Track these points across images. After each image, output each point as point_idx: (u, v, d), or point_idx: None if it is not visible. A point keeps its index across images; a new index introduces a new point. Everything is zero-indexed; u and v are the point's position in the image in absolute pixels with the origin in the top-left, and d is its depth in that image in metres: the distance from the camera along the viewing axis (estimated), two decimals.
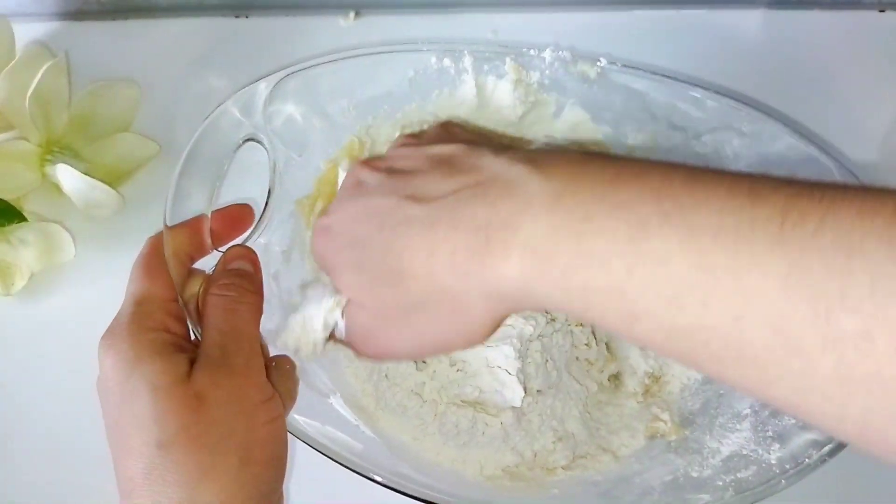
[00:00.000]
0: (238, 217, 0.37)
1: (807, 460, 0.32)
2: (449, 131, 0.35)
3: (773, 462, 0.33)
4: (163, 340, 0.31)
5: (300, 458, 0.36)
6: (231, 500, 0.28)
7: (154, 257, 0.33)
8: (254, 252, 0.35)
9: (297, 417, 0.34)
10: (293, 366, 0.34)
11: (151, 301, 0.32)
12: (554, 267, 0.25)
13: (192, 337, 0.33)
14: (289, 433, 0.33)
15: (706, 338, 0.23)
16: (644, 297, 0.24)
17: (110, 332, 0.31)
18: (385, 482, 0.33)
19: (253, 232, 0.37)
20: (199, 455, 0.28)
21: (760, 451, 0.34)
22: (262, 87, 0.38)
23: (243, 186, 0.38)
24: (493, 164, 0.28)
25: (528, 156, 0.28)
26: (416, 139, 0.35)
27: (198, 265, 0.35)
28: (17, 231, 0.46)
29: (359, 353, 0.32)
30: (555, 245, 0.25)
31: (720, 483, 0.33)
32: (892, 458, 0.22)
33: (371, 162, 0.33)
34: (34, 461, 0.44)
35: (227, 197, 0.37)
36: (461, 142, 0.32)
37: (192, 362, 0.30)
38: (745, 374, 0.23)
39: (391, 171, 0.31)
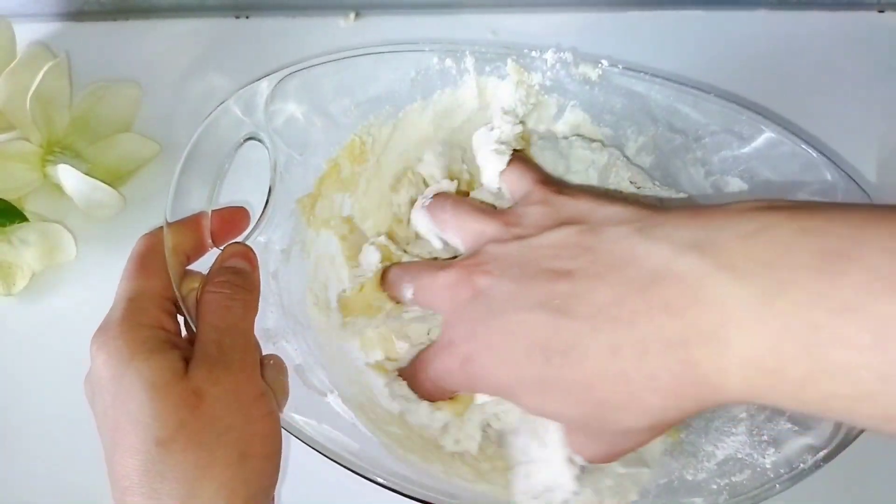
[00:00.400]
0: (232, 219, 0.36)
1: (801, 465, 0.32)
2: (537, 212, 0.31)
3: (767, 466, 0.33)
4: (157, 337, 0.31)
5: (294, 460, 0.37)
6: (232, 495, 0.28)
7: (148, 254, 0.33)
8: (251, 249, 0.35)
9: (293, 415, 0.34)
10: (283, 364, 0.34)
11: (145, 298, 0.32)
12: (785, 381, 0.23)
13: (184, 334, 0.33)
14: (285, 431, 0.33)
15: None
16: None
17: (102, 330, 0.31)
18: (382, 482, 0.33)
19: (253, 230, 0.37)
20: (198, 452, 0.28)
21: (755, 456, 0.34)
22: (264, 86, 0.38)
23: (244, 185, 0.38)
24: (649, 254, 0.26)
25: (688, 237, 0.25)
26: (514, 222, 0.32)
27: (195, 266, 0.35)
28: (18, 231, 0.46)
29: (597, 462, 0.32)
30: (783, 360, 0.23)
31: (715, 486, 0.33)
32: None
33: (478, 264, 0.31)
34: (34, 461, 0.44)
35: (228, 195, 0.37)
36: (572, 218, 0.29)
37: (187, 359, 0.30)
38: None
39: (514, 277, 0.29)
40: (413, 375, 0.36)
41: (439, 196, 0.38)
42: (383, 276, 0.38)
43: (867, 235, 0.22)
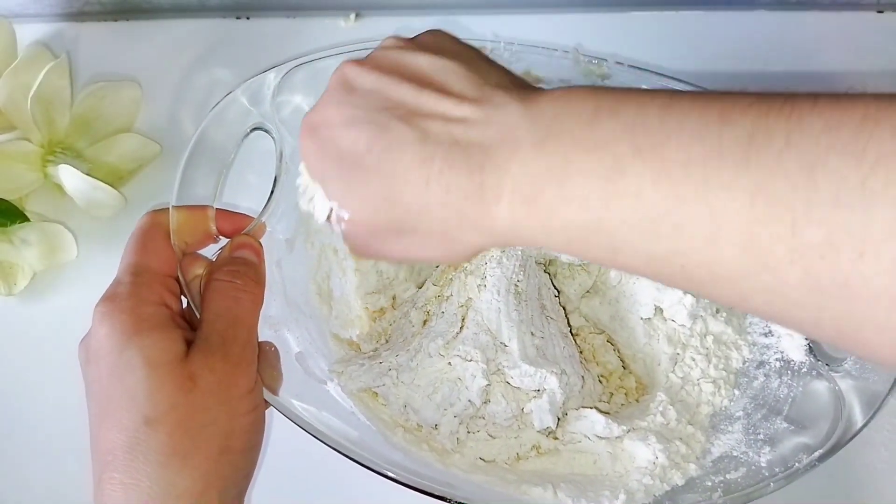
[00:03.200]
0: (241, 224, 0.36)
1: (796, 464, 0.32)
2: (439, 40, 0.33)
3: (762, 465, 0.33)
4: (160, 314, 0.31)
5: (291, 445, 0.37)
6: (208, 487, 0.29)
7: (152, 231, 0.33)
8: (259, 243, 0.35)
9: (293, 402, 0.34)
10: (277, 350, 0.35)
11: (150, 274, 0.32)
12: (539, 209, 0.26)
13: (185, 305, 0.33)
14: (286, 417, 0.33)
15: (682, 262, 0.24)
16: (621, 229, 0.25)
17: (108, 300, 0.31)
18: (377, 469, 0.33)
19: (258, 219, 0.37)
20: (182, 439, 0.29)
21: (751, 454, 0.34)
22: (272, 77, 0.38)
23: (250, 175, 0.38)
24: (491, 98, 0.28)
25: (520, 94, 0.28)
26: (408, 42, 0.32)
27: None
28: (19, 231, 0.46)
29: (353, 252, 0.32)
30: (539, 189, 0.26)
31: (709, 483, 0.34)
32: (872, 359, 0.23)
33: (362, 62, 0.31)
34: (35, 460, 0.44)
35: (234, 184, 0.37)
36: (456, 57, 0.30)
37: (188, 341, 0.30)
38: (721, 291, 0.24)
39: (382, 80, 0.30)
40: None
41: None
42: None
43: (631, 100, 0.26)
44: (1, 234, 0.46)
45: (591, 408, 0.37)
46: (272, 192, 0.37)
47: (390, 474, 0.33)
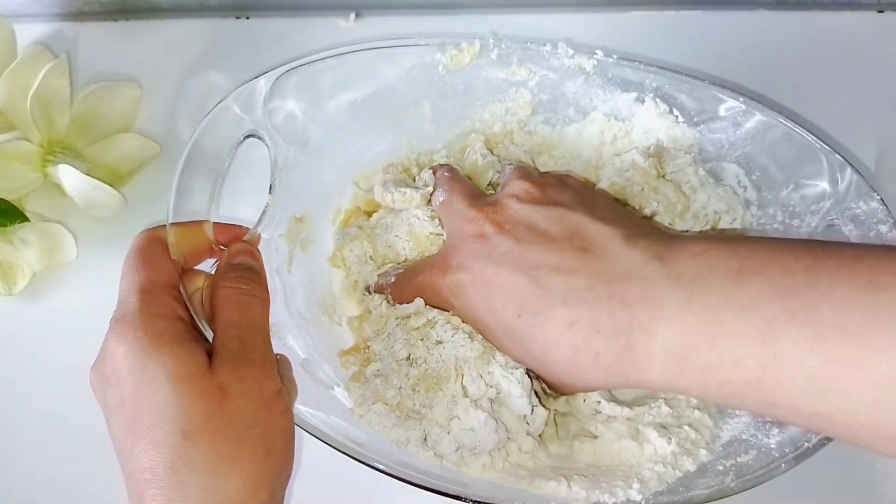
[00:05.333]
0: (237, 234, 0.36)
1: (806, 444, 0.32)
2: (567, 181, 0.37)
3: (772, 446, 0.33)
4: (176, 328, 0.31)
5: (305, 453, 0.37)
6: (257, 488, 0.29)
7: (152, 246, 0.33)
8: (256, 248, 0.35)
9: (301, 408, 0.34)
10: (289, 360, 0.35)
11: (157, 288, 0.32)
12: (691, 368, 0.28)
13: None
14: (296, 425, 0.33)
15: (845, 421, 0.26)
16: (779, 389, 0.26)
17: (120, 321, 0.30)
18: (388, 471, 0.33)
19: (255, 227, 0.37)
20: (225, 445, 0.28)
21: (760, 436, 0.34)
22: (262, 84, 0.38)
23: (247, 181, 0.38)
24: (627, 259, 0.31)
25: (656, 251, 0.30)
26: (535, 182, 0.36)
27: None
28: (18, 231, 0.46)
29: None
30: (690, 349, 0.28)
31: (721, 468, 0.33)
32: None
33: (494, 213, 0.35)
34: (34, 461, 0.44)
35: (230, 193, 0.37)
36: (587, 207, 0.34)
37: (207, 352, 0.30)
38: (886, 446, 0.26)
39: (517, 237, 0.33)
40: (399, 281, 0.39)
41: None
42: (436, 171, 0.41)
43: (774, 256, 0.27)
44: (0, 234, 0.46)
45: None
46: (268, 200, 0.37)
47: (401, 476, 0.33)
